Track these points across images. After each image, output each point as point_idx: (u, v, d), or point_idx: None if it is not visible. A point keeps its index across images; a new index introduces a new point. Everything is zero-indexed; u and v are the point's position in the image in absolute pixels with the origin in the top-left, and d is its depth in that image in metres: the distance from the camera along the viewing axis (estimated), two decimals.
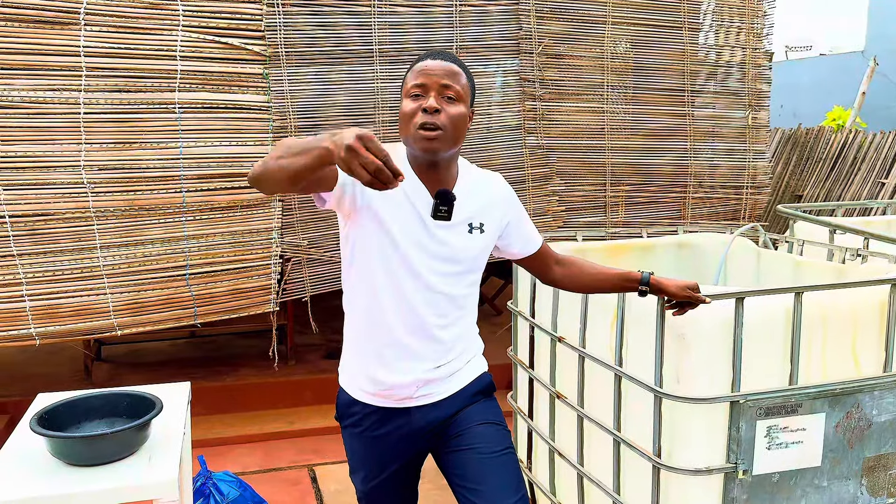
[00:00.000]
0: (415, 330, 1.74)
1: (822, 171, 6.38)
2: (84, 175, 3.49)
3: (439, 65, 1.66)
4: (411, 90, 1.66)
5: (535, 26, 4.27)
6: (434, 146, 1.64)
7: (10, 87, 3.37)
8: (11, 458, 1.88)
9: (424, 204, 1.70)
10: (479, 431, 1.80)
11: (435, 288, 1.73)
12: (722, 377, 2.00)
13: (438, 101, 1.63)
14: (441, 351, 1.77)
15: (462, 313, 1.80)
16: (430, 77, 1.65)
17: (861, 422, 2.12)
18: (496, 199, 1.82)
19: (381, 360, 1.76)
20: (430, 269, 1.71)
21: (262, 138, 3.79)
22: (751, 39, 4.74)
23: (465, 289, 1.79)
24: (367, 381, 1.79)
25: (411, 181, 1.70)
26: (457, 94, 1.66)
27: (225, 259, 3.75)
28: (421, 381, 1.77)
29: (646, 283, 1.89)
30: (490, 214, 1.79)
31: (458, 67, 1.69)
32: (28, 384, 4.22)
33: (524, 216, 1.90)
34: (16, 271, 3.43)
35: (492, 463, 1.76)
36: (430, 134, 1.63)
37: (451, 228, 1.72)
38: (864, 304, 2.15)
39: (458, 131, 1.67)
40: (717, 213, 4.79)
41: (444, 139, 1.65)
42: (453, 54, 1.74)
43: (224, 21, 3.68)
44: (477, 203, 1.77)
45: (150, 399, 1.98)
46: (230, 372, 4.48)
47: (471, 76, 1.74)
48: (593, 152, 4.49)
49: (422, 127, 1.63)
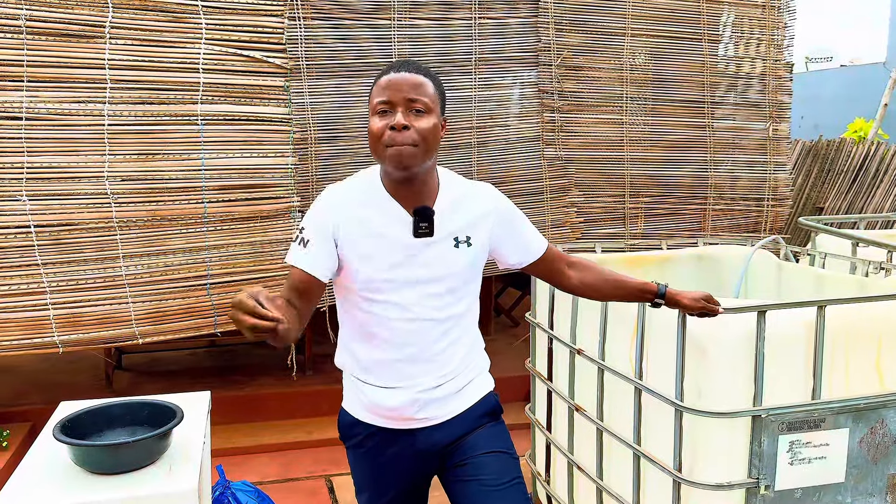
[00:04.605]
0: (407, 356, 1.70)
1: (843, 183, 6.31)
2: (108, 186, 3.54)
3: (403, 77, 1.59)
4: (377, 107, 1.60)
5: (554, 38, 4.28)
6: (407, 163, 1.58)
7: (37, 99, 3.43)
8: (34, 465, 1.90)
9: (404, 225, 1.65)
10: (484, 461, 1.75)
11: (422, 316, 1.68)
12: (744, 391, 1.98)
13: (406, 117, 1.57)
14: (437, 373, 1.73)
15: (458, 334, 1.75)
16: (396, 92, 1.58)
17: (885, 437, 2.09)
18: (483, 210, 1.74)
19: (377, 383, 1.73)
20: (415, 299, 1.67)
21: (283, 150, 3.82)
22: (771, 51, 4.72)
23: (457, 310, 1.74)
24: (366, 402, 1.76)
25: (388, 206, 1.65)
26: (425, 105, 1.59)
27: (245, 269, 3.78)
28: (420, 401, 1.72)
29: (661, 295, 1.87)
30: (477, 227, 1.72)
31: (424, 77, 1.62)
32: (50, 392, 4.27)
33: (520, 223, 1.82)
34: (40, 280, 3.47)
35: (497, 495, 1.72)
36: (398, 151, 1.57)
37: (436, 245, 1.66)
38: (888, 318, 2.13)
39: (431, 144, 1.60)
40: (737, 225, 4.75)
41: (417, 155, 1.58)
42: (417, 63, 1.66)
43: (246, 34, 3.73)
44: (462, 216, 1.71)
45: (171, 408, 1.99)
46: (249, 382, 4.50)
47: (438, 83, 1.66)
48: (612, 164, 4.47)
49: (391, 145, 1.57)
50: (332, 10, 3.89)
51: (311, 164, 3.93)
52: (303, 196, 3.89)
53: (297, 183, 3.86)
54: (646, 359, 2.22)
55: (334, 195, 1.68)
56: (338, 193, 1.69)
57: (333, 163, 3.97)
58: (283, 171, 3.82)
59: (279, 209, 3.81)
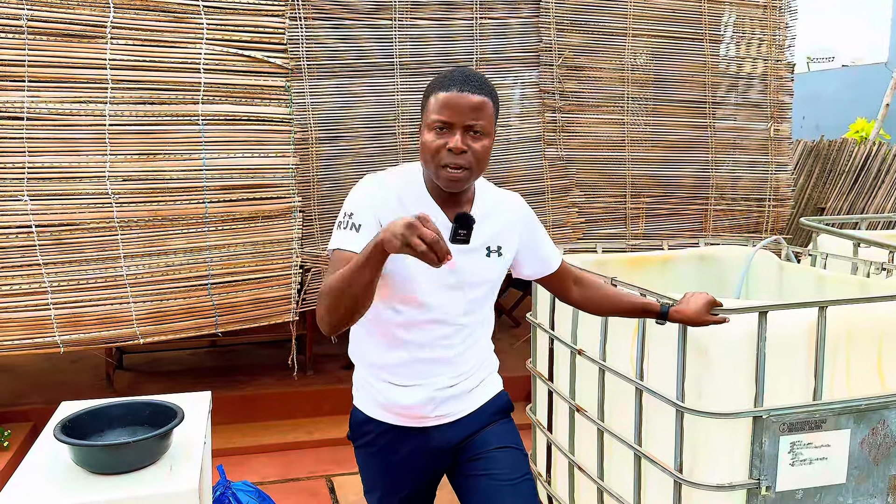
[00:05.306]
0: (424, 356, 1.71)
1: (845, 183, 6.30)
2: (109, 186, 3.54)
3: (466, 100, 1.54)
4: (434, 123, 1.56)
5: (556, 39, 4.28)
6: (461, 186, 1.60)
7: (38, 99, 3.43)
8: (35, 465, 1.90)
9: (442, 229, 1.62)
10: (496, 457, 1.77)
11: (449, 321, 1.70)
12: (745, 392, 1.98)
13: (464, 140, 1.55)
14: (454, 372, 1.75)
15: (477, 336, 1.78)
16: (456, 114, 1.54)
17: (887, 438, 2.09)
18: (514, 220, 1.77)
19: (393, 381, 1.74)
20: (443, 304, 1.68)
21: (284, 150, 3.82)
22: (772, 51, 4.71)
23: (479, 316, 1.76)
24: (381, 400, 1.76)
25: (427, 207, 1.65)
26: (483, 128, 1.57)
27: (246, 269, 3.78)
28: (435, 400, 1.74)
29: (664, 315, 1.89)
30: (508, 237, 1.74)
31: (485, 96, 1.57)
32: (51, 392, 4.27)
33: (542, 238, 1.84)
34: (41, 280, 3.47)
35: (507, 490, 1.73)
36: (456, 175, 1.57)
37: (469, 253, 1.66)
38: (890, 319, 2.12)
39: (484, 165, 1.61)
40: (738, 225, 4.75)
41: (470, 178, 1.60)
42: (479, 76, 1.61)
43: (247, 35, 3.73)
44: (495, 225, 1.72)
45: (172, 408, 1.99)
46: (249, 382, 4.50)
47: (496, 98, 1.63)
48: (613, 164, 4.47)
49: (446, 167, 1.56)
50: (333, 10, 3.89)
51: (312, 164, 3.93)
52: (304, 196, 3.89)
53: (298, 183, 3.86)
54: (647, 359, 2.22)
55: (375, 185, 1.66)
56: (379, 183, 1.66)
57: (334, 163, 3.97)
58: (284, 171, 3.82)
59: (280, 209, 3.81)
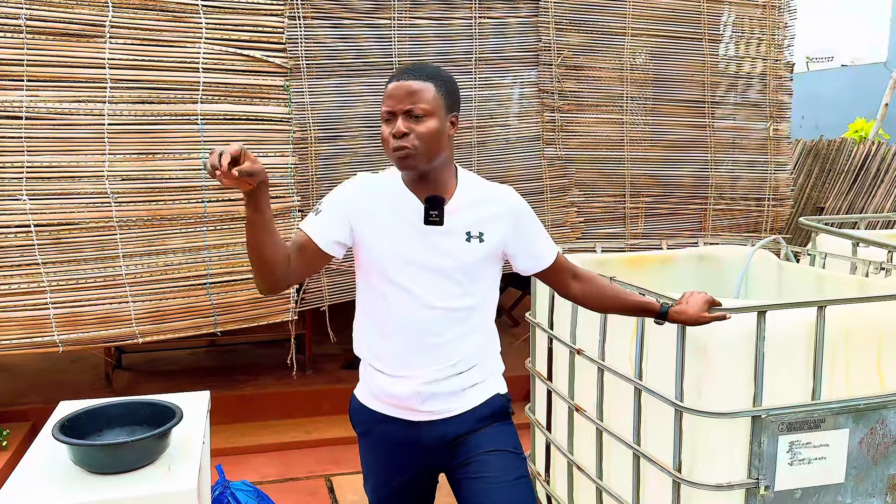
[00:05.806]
0: (412, 343, 1.76)
1: (844, 183, 6.31)
2: (108, 185, 3.54)
3: (403, 87, 1.68)
4: (384, 115, 1.71)
5: (555, 38, 4.27)
6: (409, 164, 1.69)
7: (37, 98, 3.43)
8: (34, 464, 1.90)
9: (416, 213, 1.73)
10: (488, 459, 1.78)
11: (430, 304, 1.74)
12: (744, 391, 1.98)
13: (405, 124, 1.67)
14: (441, 365, 1.76)
15: (465, 329, 1.78)
16: (394, 101, 1.68)
17: (886, 438, 2.09)
18: (499, 211, 1.79)
19: (384, 371, 1.79)
20: (424, 285, 1.73)
21: (283, 149, 3.82)
22: (772, 51, 4.71)
23: (464, 303, 1.77)
24: (375, 388, 1.83)
25: (402, 195, 1.75)
26: (423, 110, 1.67)
27: (245, 268, 3.78)
28: (423, 394, 1.76)
29: (663, 315, 1.90)
30: (492, 226, 1.77)
31: (423, 82, 1.69)
32: (50, 392, 4.27)
33: (535, 232, 1.85)
34: (40, 279, 3.47)
35: (501, 492, 1.75)
36: (402, 154, 1.68)
37: (448, 236, 1.73)
38: (889, 319, 2.12)
39: (432, 145, 1.69)
40: (738, 225, 4.75)
41: (418, 157, 1.68)
42: (419, 67, 1.73)
43: (246, 34, 3.73)
44: (480, 213, 1.77)
45: (171, 408, 1.99)
46: (248, 381, 4.50)
47: (442, 83, 1.72)
48: (612, 164, 4.47)
49: (394, 150, 1.68)
50: (332, 9, 3.89)
51: (311, 163, 3.93)
52: (303, 195, 3.89)
53: (296, 182, 3.86)
54: (646, 359, 2.22)
55: (358, 179, 1.81)
56: (362, 178, 1.82)
57: (333, 162, 3.97)
58: (282, 171, 3.82)
59: (279, 208, 3.81)
